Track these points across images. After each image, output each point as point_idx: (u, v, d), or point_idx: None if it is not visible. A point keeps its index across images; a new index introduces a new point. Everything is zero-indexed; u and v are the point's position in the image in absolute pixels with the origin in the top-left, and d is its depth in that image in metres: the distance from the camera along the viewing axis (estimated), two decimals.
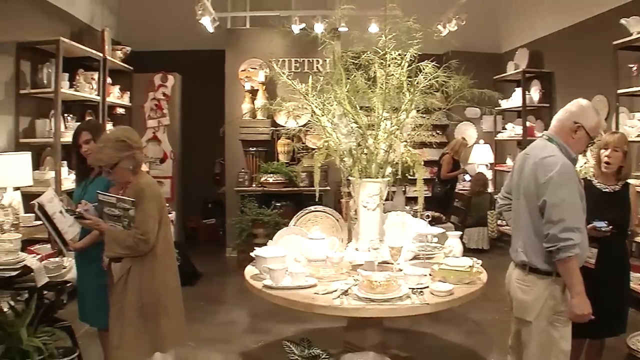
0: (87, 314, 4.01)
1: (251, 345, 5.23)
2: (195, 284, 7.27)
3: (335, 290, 3.38)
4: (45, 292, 4.13)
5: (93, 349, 4.41)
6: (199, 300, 6.44)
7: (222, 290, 7.37)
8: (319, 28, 7.43)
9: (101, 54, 7.46)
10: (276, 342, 5.04)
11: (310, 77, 4.21)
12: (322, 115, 4.01)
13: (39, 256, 4.07)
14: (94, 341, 4.30)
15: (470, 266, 3.60)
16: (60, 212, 3.71)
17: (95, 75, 7.31)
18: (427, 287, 3.41)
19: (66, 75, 6.54)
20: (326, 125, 3.99)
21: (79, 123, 5.94)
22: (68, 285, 4.27)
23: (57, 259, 4.13)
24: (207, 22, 7.72)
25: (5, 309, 3.92)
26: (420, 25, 3.84)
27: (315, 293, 3.39)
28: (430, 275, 3.59)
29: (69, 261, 4.13)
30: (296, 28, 7.78)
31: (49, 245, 4.61)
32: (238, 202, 8.42)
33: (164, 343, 3.53)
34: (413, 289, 3.37)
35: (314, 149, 4.18)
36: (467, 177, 9.94)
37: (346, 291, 3.37)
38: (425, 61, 3.88)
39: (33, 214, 4.98)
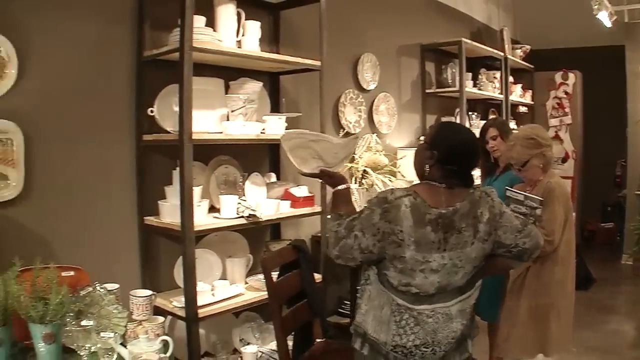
0: (479, 308, 3.84)
1: None
2: (589, 289, 6.70)
3: None
4: None
5: (481, 341, 4.26)
6: (590, 307, 5.96)
7: (614, 298, 6.65)
8: None
9: (502, 53, 7.31)
10: None
11: None
12: None
13: None
14: (482, 334, 4.09)
15: None
16: None
17: (497, 74, 7.20)
18: None
19: (469, 74, 6.55)
20: None
21: (482, 121, 5.92)
22: None
23: None
24: (604, 17, 6.98)
25: None
26: None
27: None
28: None
29: None
30: None
31: None
32: (639, 207, 7.63)
33: (549, 346, 3.35)
34: None
35: None
36: None
37: None
38: None
39: None
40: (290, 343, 3.06)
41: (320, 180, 2.82)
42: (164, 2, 3.45)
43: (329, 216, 2.59)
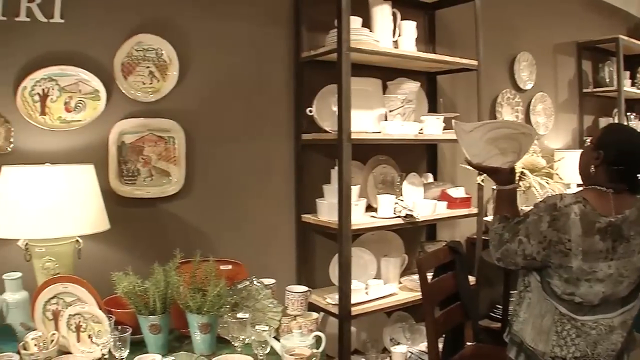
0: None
1: None
2: None
3: None
4: None
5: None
6: None
7: None
8: None
9: None
10: None
11: None
12: None
13: None
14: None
15: None
16: None
17: None
18: None
19: (627, 73, 5.95)
20: None
21: None
22: None
23: None
24: None
25: None
26: None
27: None
28: None
29: None
30: None
31: None
32: None
33: None
34: None
35: None
36: None
37: None
38: None
39: None
40: (440, 345, 2.91)
41: (482, 174, 2.56)
42: (319, 4, 3.36)
43: (489, 218, 2.32)
